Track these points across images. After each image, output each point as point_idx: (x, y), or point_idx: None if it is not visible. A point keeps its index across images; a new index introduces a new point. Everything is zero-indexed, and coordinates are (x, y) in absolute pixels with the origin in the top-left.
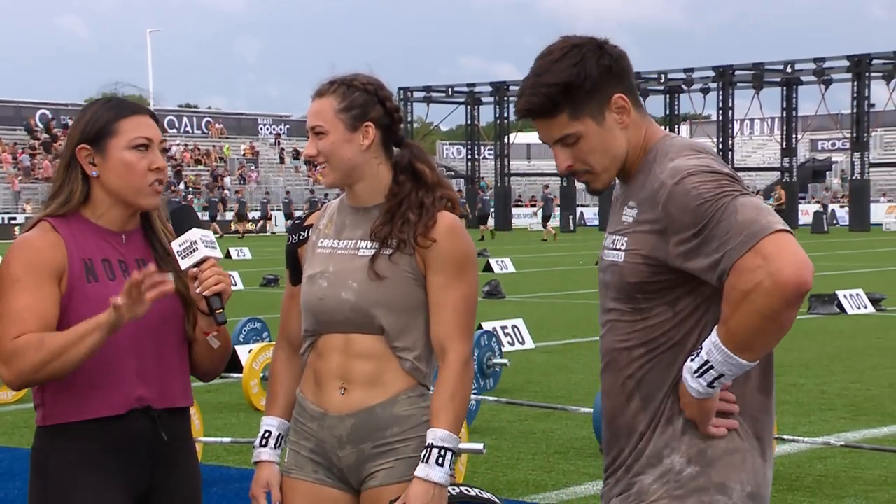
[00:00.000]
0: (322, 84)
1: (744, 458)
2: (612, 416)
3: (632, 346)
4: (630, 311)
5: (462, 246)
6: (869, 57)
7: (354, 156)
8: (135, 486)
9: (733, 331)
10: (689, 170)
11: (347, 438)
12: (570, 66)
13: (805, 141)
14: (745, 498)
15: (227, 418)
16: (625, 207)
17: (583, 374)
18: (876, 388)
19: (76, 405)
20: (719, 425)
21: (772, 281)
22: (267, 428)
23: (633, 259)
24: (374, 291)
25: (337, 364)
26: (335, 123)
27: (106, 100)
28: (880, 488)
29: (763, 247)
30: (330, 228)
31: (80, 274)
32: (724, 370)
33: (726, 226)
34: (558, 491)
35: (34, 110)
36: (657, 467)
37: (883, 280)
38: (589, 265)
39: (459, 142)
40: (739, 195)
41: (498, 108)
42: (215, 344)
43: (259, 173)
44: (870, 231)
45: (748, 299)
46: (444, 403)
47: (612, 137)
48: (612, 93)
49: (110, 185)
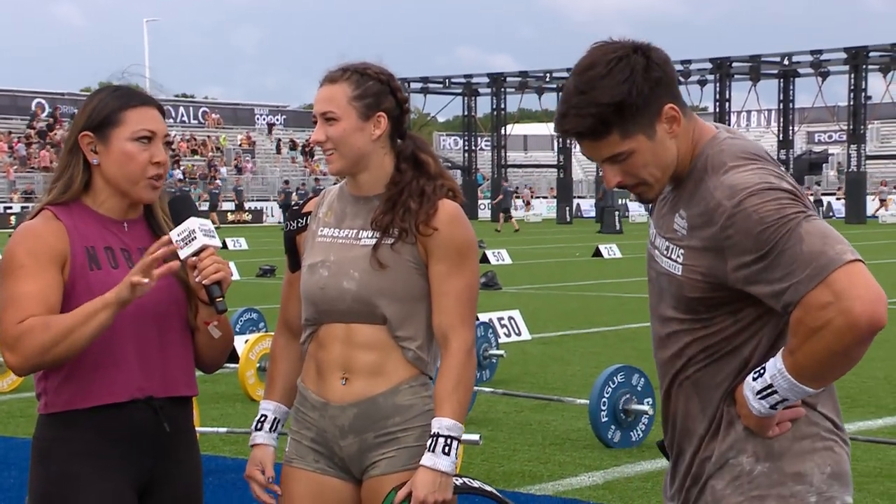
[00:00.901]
0: (333, 70)
1: (813, 442)
2: (674, 419)
3: (691, 351)
4: (690, 321)
5: (463, 234)
6: (866, 49)
7: (364, 145)
8: (137, 476)
9: (801, 363)
10: (748, 190)
11: (349, 428)
12: (619, 82)
13: (802, 133)
14: (827, 480)
15: (223, 408)
16: (675, 215)
17: (579, 366)
18: (871, 381)
19: (79, 393)
20: (783, 420)
21: (844, 319)
22: (263, 412)
23: (691, 275)
24: (376, 281)
25: (338, 354)
26: (348, 111)
27: (115, 88)
28: (875, 480)
29: (833, 282)
30: (330, 217)
31: (82, 262)
32: (788, 395)
33: (791, 255)
34: (554, 482)
35: (30, 99)
36: (726, 470)
37: (878, 272)
38: (585, 257)
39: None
40: (803, 219)
41: (495, 99)
42: (216, 334)
43: (255, 164)
44: (866, 223)
45: (818, 336)
46: (448, 392)
47: (663, 149)
48: (663, 104)
49: (109, 174)
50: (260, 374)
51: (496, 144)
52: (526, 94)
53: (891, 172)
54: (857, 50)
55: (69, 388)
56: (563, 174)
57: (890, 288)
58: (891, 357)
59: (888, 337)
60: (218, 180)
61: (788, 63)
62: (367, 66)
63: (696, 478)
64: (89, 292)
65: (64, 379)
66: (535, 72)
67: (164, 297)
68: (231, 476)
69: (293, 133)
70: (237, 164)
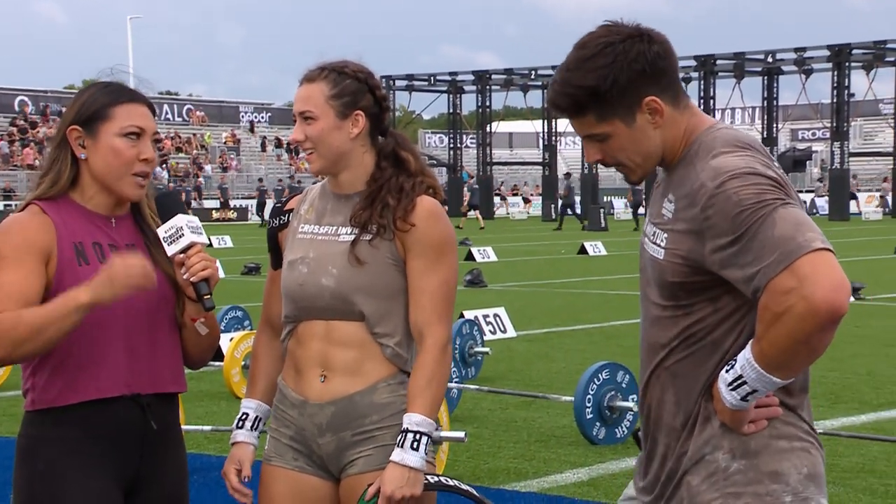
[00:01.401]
0: (311, 69)
1: (791, 442)
2: (648, 409)
3: (670, 339)
4: (672, 307)
5: (442, 230)
6: (849, 47)
7: (343, 143)
8: (123, 474)
9: (766, 351)
10: (731, 172)
11: (327, 426)
12: (599, 67)
13: (786, 130)
14: (803, 481)
15: (208, 406)
16: (665, 200)
17: (564, 363)
18: (854, 377)
19: (66, 389)
20: (758, 418)
21: (804, 305)
22: (245, 410)
23: (672, 258)
24: (355, 277)
25: (317, 351)
26: (325, 109)
27: (105, 84)
28: (858, 475)
29: (798, 267)
30: (311, 213)
31: (70, 257)
32: (757, 386)
33: (762, 240)
34: (539, 479)
35: (13, 97)
36: (702, 466)
37: (861, 269)
38: (570, 254)
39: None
40: (780, 205)
41: (480, 96)
42: (203, 330)
43: (240, 161)
44: (849, 220)
45: (780, 322)
46: (420, 388)
47: (643, 137)
48: (644, 95)
49: (96, 169)
50: (245, 372)
51: (481, 142)
52: (511, 91)
53: (874, 169)
54: (841, 47)
55: (57, 384)
56: (549, 171)
57: (873, 284)
58: (873, 353)
59: (871, 333)
60: (201, 178)
61: (772, 60)
62: (344, 65)
63: (671, 472)
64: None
65: (51, 375)
66: (520, 69)
67: (153, 294)
68: (215, 474)
69: (278, 130)
70: (222, 162)
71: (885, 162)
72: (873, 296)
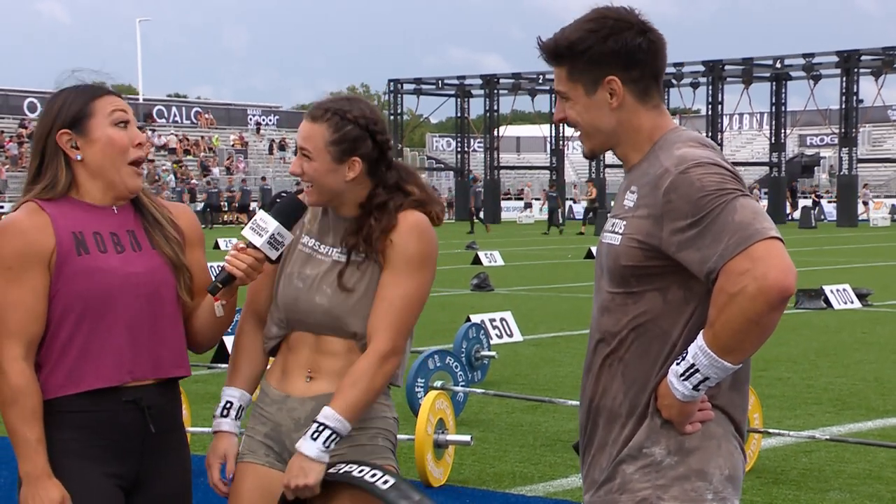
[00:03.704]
0: (317, 107)
1: (719, 444)
2: (593, 395)
3: (621, 328)
4: (622, 295)
5: (416, 246)
6: (858, 53)
7: (338, 185)
8: (124, 473)
9: (718, 333)
10: (695, 160)
11: (305, 421)
12: (585, 31)
13: (794, 136)
14: (723, 481)
15: (214, 408)
16: (627, 192)
17: (570, 367)
18: (861, 383)
19: (70, 379)
20: (695, 420)
21: (757, 285)
22: (228, 399)
23: (628, 242)
24: (347, 300)
25: (306, 357)
26: (322, 154)
27: (73, 86)
28: (864, 482)
29: (753, 251)
30: (313, 225)
31: (69, 248)
32: (709, 373)
33: (721, 224)
34: (545, 483)
35: (22, 98)
36: (639, 459)
37: (869, 275)
38: (577, 258)
39: (449, 134)
40: (740, 195)
41: (488, 100)
42: (219, 311)
43: (248, 164)
44: (857, 227)
45: (734, 301)
46: (343, 387)
47: (599, 113)
48: (608, 73)
49: (95, 164)
50: None
51: (489, 146)
52: (519, 95)
53: (882, 176)
54: (849, 53)
55: (60, 374)
56: (556, 176)
57: (880, 291)
58: (880, 359)
59: (878, 339)
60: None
61: (781, 66)
62: (349, 109)
63: (610, 458)
64: (77, 277)
65: (55, 365)
66: (527, 73)
67: (153, 278)
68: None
69: (286, 133)
70: (229, 165)
71: (894, 168)
72: (881, 302)
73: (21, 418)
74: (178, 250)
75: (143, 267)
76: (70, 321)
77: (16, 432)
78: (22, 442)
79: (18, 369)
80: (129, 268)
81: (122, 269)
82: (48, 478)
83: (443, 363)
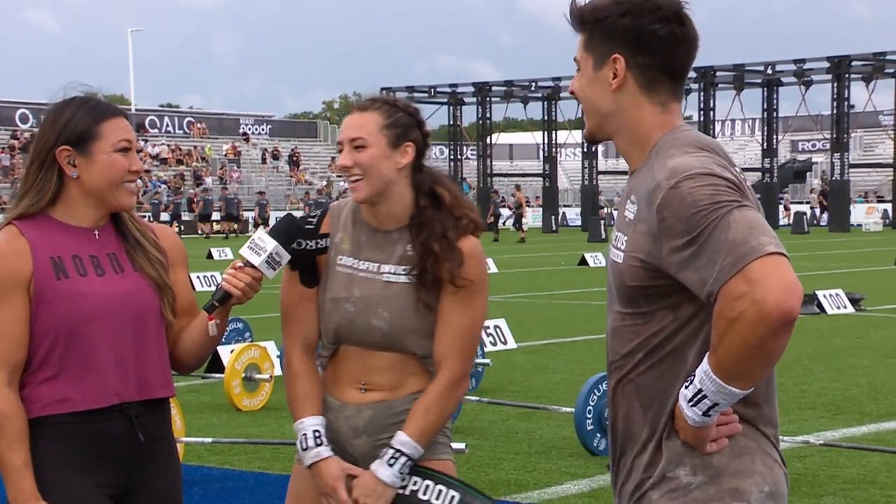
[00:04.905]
0: (364, 100)
1: (753, 459)
2: (614, 420)
3: (632, 351)
4: (632, 315)
5: (476, 271)
6: (848, 58)
7: (390, 172)
8: (113, 484)
9: (722, 360)
10: (686, 172)
11: (364, 428)
12: (610, 2)
13: (786, 142)
14: (763, 499)
15: (208, 418)
16: (627, 202)
17: (564, 374)
18: (855, 388)
19: (56, 400)
20: (720, 436)
21: (756, 310)
22: (315, 427)
23: (631, 261)
24: (406, 320)
25: (359, 371)
26: (379, 138)
27: (82, 101)
28: (858, 486)
29: (749, 272)
30: (346, 244)
31: (47, 273)
32: (717, 399)
33: (715, 243)
34: (539, 490)
35: (14, 109)
36: (663, 484)
37: (862, 280)
38: (571, 265)
39: (442, 142)
40: (735, 208)
41: (480, 108)
42: (212, 331)
43: (241, 173)
44: (849, 231)
45: (734, 328)
46: (418, 413)
47: (599, 90)
48: (616, 51)
49: (92, 185)
50: (245, 385)
51: (482, 153)
52: (511, 103)
53: (874, 181)
54: (840, 59)
55: (45, 396)
56: (549, 183)
57: (873, 296)
58: (874, 364)
59: (871, 344)
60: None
61: (772, 72)
62: (395, 100)
63: (638, 485)
64: (56, 302)
65: (40, 386)
66: (520, 81)
67: (136, 300)
68: (216, 486)
69: (278, 143)
70: (222, 175)
71: (886, 173)
72: (874, 307)
73: (6, 444)
74: (162, 271)
75: (125, 289)
76: (53, 345)
77: (0, 458)
78: (7, 467)
79: (2, 395)
80: (110, 290)
81: (104, 291)
82: (35, 500)
83: None
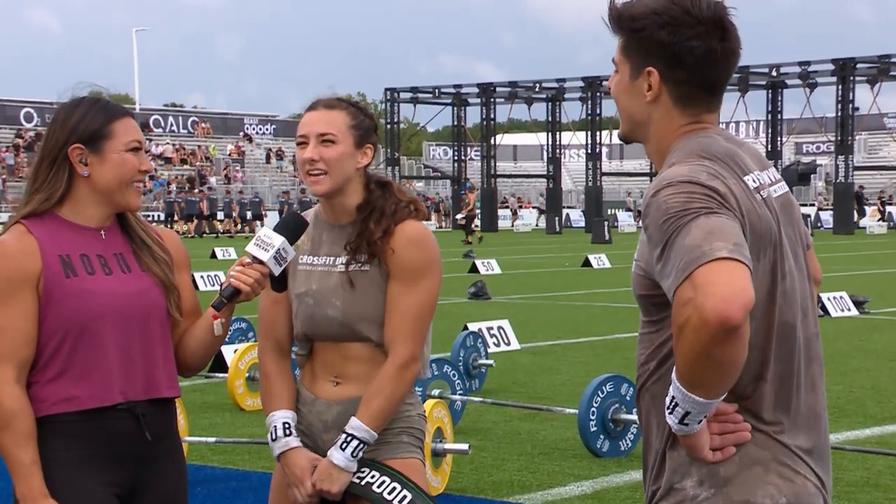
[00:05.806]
0: (329, 98)
1: (766, 470)
2: (641, 427)
3: (647, 359)
4: (647, 323)
5: (419, 255)
6: (853, 61)
7: (351, 170)
8: (119, 482)
9: (680, 368)
10: (669, 181)
11: (332, 424)
12: (648, 10)
13: (790, 144)
14: None
15: (211, 418)
16: None
17: (568, 375)
18: (858, 391)
19: (63, 398)
20: (724, 445)
21: (697, 316)
22: (285, 419)
23: (637, 270)
24: (356, 307)
25: (332, 363)
26: (347, 136)
27: (93, 100)
28: (862, 490)
29: (695, 277)
30: (307, 244)
31: (57, 271)
32: (688, 408)
33: (675, 249)
34: (543, 491)
35: (19, 108)
36: (671, 496)
37: (866, 283)
38: (574, 267)
39: (446, 143)
40: (703, 214)
41: (484, 109)
42: (218, 330)
43: (245, 173)
44: (854, 234)
45: (682, 334)
46: (368, 397)
47: (633, 98)
48: (651, 64)
49: (102, 184)
50: (249, 384)
51: (485, 154)
52: (515, 104)
53: (878, 183)
54: (845, 61)
55: (52, 395)
56: (553, 184)
57: (877, 298)
58: (878, 367)
59: (875, 347)
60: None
61: (776, 74)
62: (357, 102)
63: (651, 495)
64: (66, 300)
65: (47, 386)
66: (524, 82)
67: (143, 300)
68: (220, 486)
69: (282, 143)
70: (227, 174)
71: (890, 175)
72: (878, 310)
73: (14, 441)
74: (168, 271)
75: (133, 288)
76: (61, 343)
77: (10, 455)
78: (16, 465)
79: (10, 393)
80: (118, 289)
81: (112, 290)
82: (44, 498)
83: (440, 372)
